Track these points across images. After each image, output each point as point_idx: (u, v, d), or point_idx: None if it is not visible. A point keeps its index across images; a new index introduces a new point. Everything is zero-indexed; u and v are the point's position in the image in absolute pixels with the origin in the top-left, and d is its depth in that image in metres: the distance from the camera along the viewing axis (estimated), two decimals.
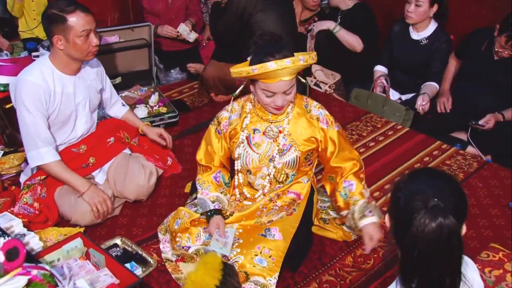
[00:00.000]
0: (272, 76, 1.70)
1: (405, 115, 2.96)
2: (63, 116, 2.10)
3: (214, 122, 1.98)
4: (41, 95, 1.98)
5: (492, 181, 2.47)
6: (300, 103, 1.91)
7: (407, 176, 1.16)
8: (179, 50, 3.46)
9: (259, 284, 1.77)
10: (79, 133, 2.21)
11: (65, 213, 2.10)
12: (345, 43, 3.23)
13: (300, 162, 1.91)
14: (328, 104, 3.14)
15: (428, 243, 1.03)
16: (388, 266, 1.94)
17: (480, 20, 3.04)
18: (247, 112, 1.93)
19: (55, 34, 1.95)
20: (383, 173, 2.52)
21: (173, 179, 2.43)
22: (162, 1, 3.32)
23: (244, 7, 2.80)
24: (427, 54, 3.02)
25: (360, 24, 3.22)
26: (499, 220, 2.21)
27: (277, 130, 1.89)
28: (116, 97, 2.44)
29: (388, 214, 1.19)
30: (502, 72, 2.74)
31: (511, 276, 1.68)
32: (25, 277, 1.16)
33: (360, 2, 3.29)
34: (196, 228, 1.93)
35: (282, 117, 1.89)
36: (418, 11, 2.93)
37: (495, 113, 2.75)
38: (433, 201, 1.05)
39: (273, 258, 1.81)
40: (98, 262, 1.78)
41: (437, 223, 1.02)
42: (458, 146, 2.76)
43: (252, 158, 1.91)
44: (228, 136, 1.95)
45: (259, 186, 1.96)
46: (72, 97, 2.09)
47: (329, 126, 1.89)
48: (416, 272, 1.09)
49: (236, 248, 1.85)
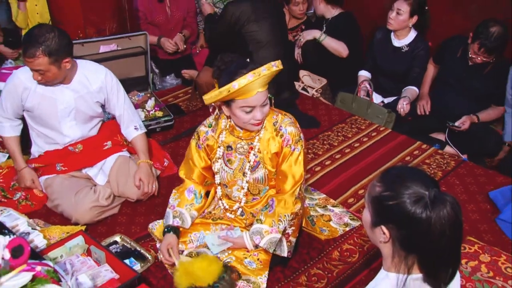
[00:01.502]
0: (250, 90, 1.64)
1: (388, 117, 2.97)
2: (45, 116, 2.14)
3: (194, 137, 1.94)
4: (19, 89, 2.08)
5: (468, 179, 2.49)
6: (270, 120, 1.83)
7: (382, 186, 1.11)
8: (174, 58, 3.46)
9: (250, 282, 1.77)
10: (67, 136, 2.20)
11: (66, 213, 2.10)
12: (331, 49, 3.24)
13: (269, 178, 1.88)
14: (315, 108, 3.15)
15: (452, 225, 1.03)
16: (372, 260, 1.95)
17: (454, 29, 3.06)
18: (222, 128, 1.88)
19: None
20: (368, 172, 2.53)
21: (169, 179, 2.43)
22: (162, 13, 3.33)
23: (238, 18, 2.79)
24: (408, 60, 3.04)
25: (345, 31, 3.24)
26: (474, 215, 2.23)
27: (247, 147, 1.84)
28: (130, 118, 2.28)
29: (385, 227, 1.10)
30: (476, 77, 2.77)
31: (485, 267, 1.70)
32: (29, 273, 1.15)
33: (344, 11, 3.32)
34: (187, 236, 1.91)
35: (254, 134, 1.83)
36: (398, 19, 2.96)
37: (470, 115, 2.77)
38: (429, 192, 1.04)
39: (260, 261, 1.82)
40: (99, 258, 1.78)
41: (449, 204, 1.03)
42: (437, 146, 2.78)
43: (227, 173, 1.90)
44: (207, 151, 1.92)
45: (236, 198, 1.95)
46: (53, 102, 2.11)
47: (287, 145, 1.80)
48: (444, 260, 1.07)
49: (228, 250, 1.85)
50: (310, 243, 2.03)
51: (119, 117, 2.27)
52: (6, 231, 1.72)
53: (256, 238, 1.79)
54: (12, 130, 2.22)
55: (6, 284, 1.11)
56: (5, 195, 2.21)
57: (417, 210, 1.04)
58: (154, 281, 1.83)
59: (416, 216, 1.04)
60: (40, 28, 1.95)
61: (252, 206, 1.95)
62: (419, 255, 1.08)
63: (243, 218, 1.95)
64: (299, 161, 1.80)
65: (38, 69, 1.94)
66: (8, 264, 1.15)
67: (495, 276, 1.66)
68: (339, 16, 3.29)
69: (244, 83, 1.60)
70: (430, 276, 1.09)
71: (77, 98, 2.13)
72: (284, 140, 1.80)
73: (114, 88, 2.21)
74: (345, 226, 2.13)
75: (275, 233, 1.77)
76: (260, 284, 1.77)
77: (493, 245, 1.91)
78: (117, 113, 2.26)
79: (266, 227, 1.78)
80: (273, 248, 1.78)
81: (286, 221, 1.79)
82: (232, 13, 2.80)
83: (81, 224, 2.05)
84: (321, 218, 2.14)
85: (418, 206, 1.04)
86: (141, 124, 2.33)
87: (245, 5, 2.80)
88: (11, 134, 2.22)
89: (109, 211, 2.15)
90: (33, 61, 1.92)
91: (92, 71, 2.16)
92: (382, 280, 1.14)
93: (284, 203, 1.80)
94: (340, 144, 2.77)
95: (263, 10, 2.82)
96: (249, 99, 1.67)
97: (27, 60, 1.93)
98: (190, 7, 3.44)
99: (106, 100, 2.23)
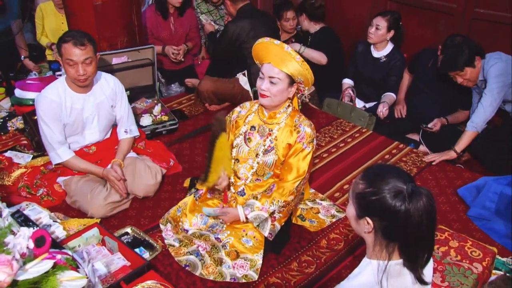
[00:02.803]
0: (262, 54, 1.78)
1: (369, 120, 2.99)
2: (74, 126, 2.12)
3: (229, 114, 2.02)
4: (55, 108, 2.04)
5: (439, 174, 2.51)
6: (293, 117, 1.89)
7: (365, 183, 1.10)
8: (178, 68, 3.47)
9: (248, 260, 1.79)
10: (88, 141, 2.22)
11: (82, 208, 2.11)
12: (311, 59, 3.23)
13: (276, 165, 1.91)
14: (305, 112, 3.12)
15: (428, 215, 1.03)
16: (355, 247, 1.97)
17: (426, 42, 3.11)
18: (253, 111, 1.95)
19: (59, 57, 2.00)
20: (352, 169, 2.55)
21: (174, 177, 2.44)
22: (167, 30, 3.34)
23: (238, 34, 2.80)
24: (386, 70, 3.07)
25: (325, 43, 3.27)
26: (445, 206, 2.26)
27: (268, 131, 1.90)
28: (126, 122, 2.29)
29: (370, 218, 1.10)
30: (445, 85, 2.79)
31: (454, 252, 1.71)
32: (51, 261, 1.15)
33: (325, 26, 3.35)
34: (193, 215, 1.96)
35: (276, 121, 1.89)
36: (378, 33, 3.00)
37: (441, 118, 2.80)
38: (407, 187, 1.04)
39: (256, 238, 1.84)
40: (112, 247, 1.79)
41: (425, 196, 1.03)
42: (412, 146, 2.80)
43: (243, 149, 1.93)
44: (234, 126, 1.98)
45: (242, 175, 1.97)
46: (80, 112, 2.11)
47: (301, 141, 1.84)
48: (422, 246, 1.07)
49: (226, 230, 1.88)
50: (300, 233, 2.05)
51: (119, 119, 2.29)
52: (31, 223, 1.73)
53: (247, 209, 1.83)
54: (68, 153, 2.12)
55: (31, 270, 1.11)
56: (29, 191, 2.21)
57: (397, 204, 1.04)
58: (161, 268, 1.84)
59: (396, 209, 1.04)
60: (74, 30, 2.10)
61: (254, 188, 1.96)
62: (400, 243, 1.09)
63: (243, 198, 1.96)
64: (307, 158, 1.84)
65: (88, 57, 1.95)
66: (32, 253, 1.15)
67: (462, 260, 1.68)
68: (320, 31, 3.33)
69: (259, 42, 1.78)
70: (409, 261, 1.10)
71: (97, 104, 2.15)
72: (299, 136, 1.85)
73: (120, 94, 2.25)
74: (332, 217, 2.14)
75: (264, 211, 1.81)
76: (257, 261, 1.79)
77: (461, 232, 1.93)
78: (118, 115, 2.28)
79: (258, 204, 1.83)
80: (257, 223, 1.81)
81: (277, 206, 1.82)
82: (233, 30, 2.81)
83: (96, 218, 2.06)
84: (311, 211, 2.16)
85: (397, 200, 1.05)
86: (133, 129, 2.33)
87: (244, 23, 2.81)
88: (69, 156, 2.12)
89: (120, 207, 2.16)
90: (85, 48, 1.94)
91: (104, 79, 2.20)
92: (365, 267, 1.14)
93: (282, 190, 1.83)
94: (327, 144, 2.79)
95: (260, 28, 2.83)
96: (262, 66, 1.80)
97: (79, 48, 1.92)
98: (192, 24, 3.45)
99: (115, 104, 2.25)
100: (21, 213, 1.81)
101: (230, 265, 1.79)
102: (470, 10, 2.96)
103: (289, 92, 1.83)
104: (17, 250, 1.10)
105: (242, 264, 1.78)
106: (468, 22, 2.97)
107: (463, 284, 1.58)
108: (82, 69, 1.96)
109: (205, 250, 1.85)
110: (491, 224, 2.08)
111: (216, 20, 3.49)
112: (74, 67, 1.96)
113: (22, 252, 1.12)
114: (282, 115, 1.89)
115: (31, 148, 2.59)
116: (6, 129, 2.75)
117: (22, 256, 1.11)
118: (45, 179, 2.24)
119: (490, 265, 1.71)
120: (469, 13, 2.97)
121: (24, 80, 2.95)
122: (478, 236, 2.05)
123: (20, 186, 2.23)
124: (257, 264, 1.79)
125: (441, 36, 2.98)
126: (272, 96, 1.81)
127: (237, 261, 1.79)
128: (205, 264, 1.81)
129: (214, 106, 3.14)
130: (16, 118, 2.82)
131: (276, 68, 1.75)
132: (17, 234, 1.15)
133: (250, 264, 1.79)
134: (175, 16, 3.33)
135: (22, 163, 2.41)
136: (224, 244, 1.84)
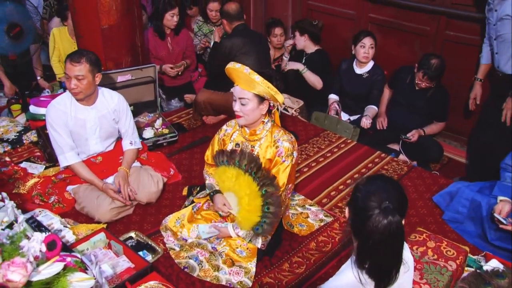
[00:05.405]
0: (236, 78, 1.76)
1: (353, 132, 3.00)
2: (77, 135, 2.15)
3: (218, 132, 2.02)
4: (62, 116, 2.09)
5: (417, 181, 2.54)
6: (272, 133, 1.86)
7: (365, 179, 1.16)
8: (178, 85, 3.51)
9: (242, 268, 1.80)
10: (92, 151, 2.23)
11: (90, 213, 2.11)
12: (309, 81, 3.27)
13: None
14: (294, 124, 3.18)
15: (381, 235, 1.06)
16: (342, 248, 1.99)
17: (403, 60, 3.16)
18: (237, 129, 1.95)
19: None
20: (338, 177, 2.57)
21: (175, 185, 2.45)
22: (165, 49, 3.39)
23: (231, 49, 2.85)
24: (368, 85, 3.09)
25: (320, 66, 3.30)
26: (423, 210, 2.29)
27: (250, 147, 1.89)
28: (130, 135, 2.31)
29: (348, 207, 1.18)
30: (421, 99, 2.83)
31: (431, 251, 1.73)
32: (61, 263, 1.15)
33: (320, 48, 3.38)
34: (191, 225, 1.96)
35: (257, 138, 1.88)
36: (372, 52, 3.03)
37: (418, 129, 2.83)
38: (385, 203, 1.07)
39: (249, 249, 1.85)
40: (117, 251, 1.80)
41: (388, 221, 1.05)
42: (393, 155, 2.83)
43: None
44: (221, 144, 1.98)
45: None
46: (83, 123, 2.13)
47: (279, 156, 1.82)
48: (370, 257, 1.12)
49: (223, 242, 1.89)
50: (291, 236, 2.06)
51: (124, 132, 2.31)
52: (43, 228, 1.74)
53: (237, 228, 1.84)
54: (75, 158, 2.14)
55: (43, 272, 1.12)
56: (42, 199, 2.21)
57: (365, 204, 1.10)
58: (163, 269, 1.85)
59: (361, 207, 1.10)
60: (82, 49, 2.16)
61: None
62: (359, 241, 1.13)
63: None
64: (286, 171, 1.82)
65: (79, 74, 1.97)
66: (44, 256, 1.15)
67: (439, 258, 1.71)
68: (316, 52, 3.35)
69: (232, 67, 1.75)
70: (358, 264, 1.13)
71: (100, 116, 2.17)
72: (278, 152, 1.83)
73: (124, 109, 2.26)
74: (320, 221, 2.16)
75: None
76: (251, 269, 1.81)
77: (437, 233, 1.95)
78: (123, 129, 2.30)
79: None
80: (249, 239, 1.83)
81: None
82: (226, 45, 2.87)
83: (102, 223, 2.06)
84: (300, 216, 2.17)
85: (368, 203, 1.09)
86: (137, 141, 2.35)
87: (236, 39, 2.87)
88: (75, 161, 2.14)
89: (124, 212, 2.17)
90: (77, 65, 1.96)
91: (109, 94, 2.22)
92: (346, 267, 1.19)
93: None
94: (315, 154, 2.81)
95: (251, 45, 2.88)
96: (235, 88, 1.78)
97: (72, 64, 1.95)
98: (188, 44, 3.50)
99: (118, 118, 2.27)
100: (34, 219, 1.81)
101: (227, 271, 1.80)
102: (441, 32, 3.05)
103: (261, 109, 1.80)
104: (31, 253, 1.11)
105: (237, 271, 1.79)
106: (441, 43, 3.06)
107: (439, 281, 1.60)
108: (73, 83, 1.98)
109: (204, 256, 1.86)
110: (463, 226, 2.12)
111: (206, 34, 3.52)
112: (69, 80, 2.01)
113: (35, 255, 1.13)
114: (262, 131, 1.86)
115: (44, 159, 2.61)
116: (22, 142, 2.77)
117: (35, 259, 1.12)
118: (56, 188, 2.25)
119: (463, 263, 1.74)
120: (440, 35, 3.05)
121: (38, 97, 2.99)
122: (452, 236, 2.08)
123: (34, 194, 2.24)
124: (251, 272, 1.80)
125: (417, 55, 3.05)
126: (245, 115, 1.80)
127: (233, 268, 1.80)
128: (203, 268, 1.82)
129: (210, 118, 3.16)
130: (30, 132, 2.84)
131: (244, 90, 1.76)
132: (31, 239, 1.15)
133: (245, 272, 1.80)
134: (171, 36, 3.38)
135: (35, 173, 2.43)
136: (220, 253, 1.86)
